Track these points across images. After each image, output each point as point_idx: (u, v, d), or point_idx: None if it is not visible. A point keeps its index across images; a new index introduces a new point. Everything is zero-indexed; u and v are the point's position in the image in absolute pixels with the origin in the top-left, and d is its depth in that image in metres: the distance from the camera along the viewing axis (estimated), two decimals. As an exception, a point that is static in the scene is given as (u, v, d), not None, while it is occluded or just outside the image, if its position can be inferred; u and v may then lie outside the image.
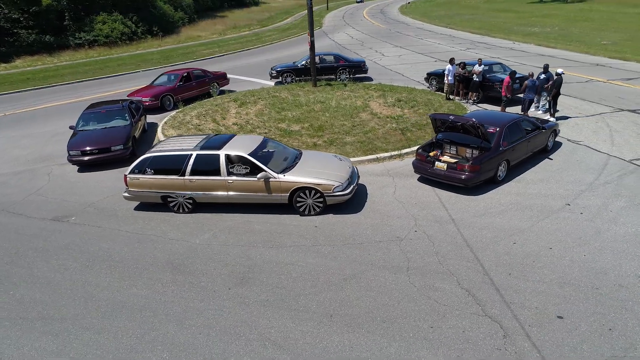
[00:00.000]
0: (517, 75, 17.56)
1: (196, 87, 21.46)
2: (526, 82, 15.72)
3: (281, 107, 18.35)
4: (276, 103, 18.96)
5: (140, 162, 10.76)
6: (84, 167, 14.20)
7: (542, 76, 16.39)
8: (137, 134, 15.32)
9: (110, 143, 14.02)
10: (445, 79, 18.41)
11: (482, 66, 18.21)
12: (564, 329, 6.77)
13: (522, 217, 9.87)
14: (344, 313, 7.37)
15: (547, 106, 16.74)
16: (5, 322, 7.68)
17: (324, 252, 9.06)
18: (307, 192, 10.21)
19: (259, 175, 10.14)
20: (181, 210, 10.93)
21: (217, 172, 10.41)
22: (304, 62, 23.82)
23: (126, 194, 11.02)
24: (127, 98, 19.60)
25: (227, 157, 10.41)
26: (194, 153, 10.52)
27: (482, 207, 10.44)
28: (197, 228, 10.29)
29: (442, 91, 19.68)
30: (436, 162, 11.25)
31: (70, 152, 13.79)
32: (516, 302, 7.34)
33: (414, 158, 11.89)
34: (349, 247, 9.13)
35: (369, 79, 24.07)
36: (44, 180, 13.53)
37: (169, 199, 10.85)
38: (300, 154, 11.40)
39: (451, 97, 18.84)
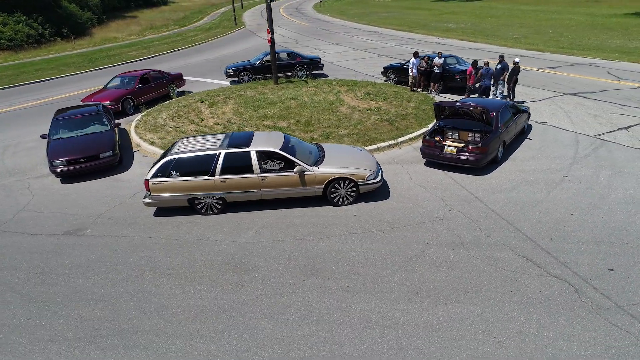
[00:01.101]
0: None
1: (155, 88, 20.58)
2: (481, 70, 17.16)
3: (255, 105, 18.25)
4: (248, 102, 18.80)
5: (163, 165, 10.33)
6: (68, 177, 13.16)
7: (499, 66, 17.99)
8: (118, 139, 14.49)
9: (97, 150, 13.16)
10: (410, 71, 19.45)
11: (442, 59, 19.49)
12: (618, 278, 7.81)
13: (534, 190, 10.98)
14: (427, 289, 7.84)
15: (504, 93, 18.41)
16: (78, 342, 7.15)
17: (376, 237, 9.44)
18: (341, 182, 10.49)
19: (295, 169, 10.24)
20: (209, 212, 10.67)
21: (249, 170, 10.32)
22: (260, 60, 23.72)
23: (147, 200, 10.52)
24: (82, 103, 18.34)
25: (258, 153, 10.35)
26: (222, 152, 10.33)
27: (495, 184, 11.44)
28: (234, 228, 10.15)
29: (402, 84, 20.74)
30: (445, 147, 12.05)
31: (53, 162, 12.72)
32: (569, 262, 8.30)
33: (422, 145, 12.61)
34: (398, 231, 9.60)
35: (325, 75, 24.56)
36: (27, 195, 12.37)
37: (196, 201, 10.54)
38: (321, 147, 11.62)
39: (415, 89, 19.90)
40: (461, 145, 11.99)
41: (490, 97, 18.52)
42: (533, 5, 59.10)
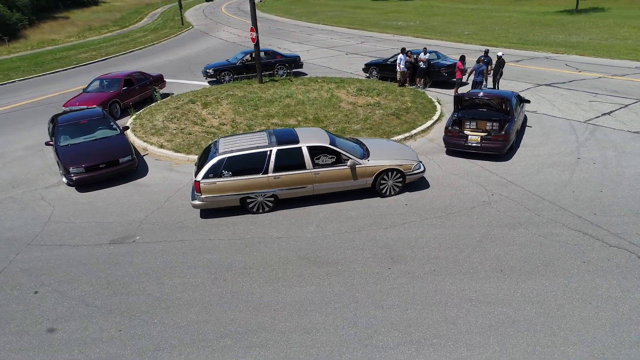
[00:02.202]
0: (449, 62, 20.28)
1: (139, 91, 19.83)
2: (473, 67, 18.15)
3: (252, 104, 18.12)
4: (242, 101, 18.62)
5: (213, 165, 10.14)
6: (84, 185, 12.46)
7: (484, 60, 19.07)
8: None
9: (117, 155, 12.58)
10: (398, 67, 20.11)
11: (427, 54, 20.34)
12: (669, 243, 8.77)
13: (558, 172, 11.91)
14: (508, 266, 8.38)
15: (489, 86, 19.55)
16: (188, 348, 6.97)
17: (436, 223, 9.88)
18: (389, 173, 10.82)
19: (349, 163, 10.45)
20: (261, 210, 10.61)
21: (302, 166, 10.38)
22: (240, 60, 23.45)
23: (197, 202, 10.27)
24: (65, 108, 17.35)
25: (310, 149, 10.44)
26: (274, 149, 10.32)
27: (520, 169, 12.26)
28: (292, 224, 10.18)
29: (388, 80, 21.39)
30: (469, 136, 12.74)
31: (69, 169, 12.00)
32: (621, 233, 9.17)
33: (445, 135, 13.21)
34: (454, 216, 10.10)
35: (304, 73, 24.73)
36: (45, 207, 11.61)
37: (248, 200, 10.45)
38: (359, 140, 11.88)
39: (404, 84, 20.59)
40: (484, 134, 12.68)
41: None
42: (471, 4, 62.39)
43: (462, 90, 19.26)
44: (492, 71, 18.58)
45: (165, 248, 9.53)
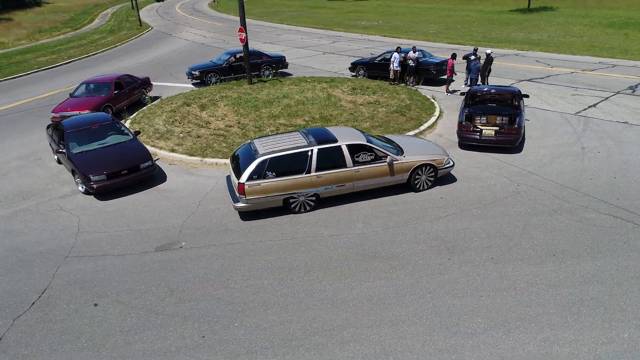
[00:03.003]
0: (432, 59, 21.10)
1: (129, 94, 19.19)
2: (471, 63, 18.92)
3: (252, 105, 18.03)
4: (239, 103, 18.47)
5: (257, 167, 10.11)
6: (104, 193, 12.03)
7: (472, 57, 19.92)
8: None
9: (137, 160, 12.23)
10: (392, 65, 20.60)
11: (417, 53, 20.96)
12: (691, 222, 9.64)
13: (569, 161, 12.70)
14: (558, 250, 8.93)
15: (479, 82, 20.41)
16: (281, 348, 7.00)
17: (477, 214, 10.34)
18: (423, 168, 11.18)
19: (388, 160, 10.71)
20: (302, 210, 10.68)
21: (342, 164, 10.54)
22: (226, 61, 23.18)
23: (241, 204, 10.22)
24: (54, 114, 16.62)
25: (349, 147, 10.62)
26: (314, 148, 10.42)
27: (534, 160, 12.98)
28: (338, 221, 10.33)
29: (378, 78, 21.84)
30: (483, 131, 13.33)
31: (91, 177, 11.55)
32: (646, 214, 9.98)
33: (459, 130, 13.74)
34: (491, 207, 10.60)
35: (289, 73, 24.76)
36: (69, 217, 11.13)
37: (290, 200, 10.49)
38: (387, 137, 12.17)
39: (396, 82, 21.09)
40: (497, 127, 13.31)
41: (462, 86, 20.40)
42: (427, 3, 64.29)
43: (453, 87, 20.02)
44: (481, 68, 19.36)
45: (216, 252, 9.41)
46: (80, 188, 12.19)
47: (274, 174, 10.13)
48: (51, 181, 13.13)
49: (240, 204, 10.17)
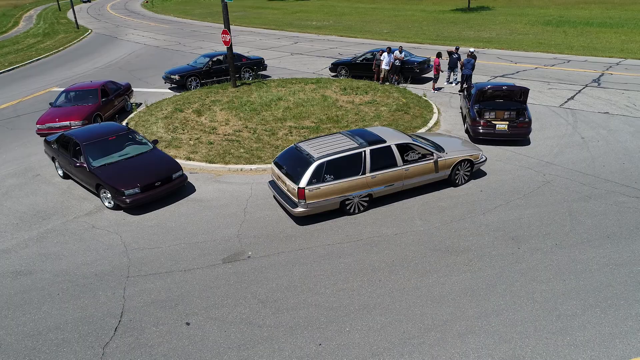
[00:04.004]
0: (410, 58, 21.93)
1: (114, 101, 18.19)
2: (463, 60, 19.81)
3: (250, 109, 17.79)
4: (235, 107, 18.17)
5: (315, 170, 10.09)
6: (137, 207, 11.45)
7: (454, 56, 20.90)
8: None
9: (168, 170, 11.73)
10: (381, 65, 21.06)
11: (402, 53, 21.60)
12: None
13: (577, 151, 13.76)
14: (610, 232, 9.72)
15: (458, 79, 21.44)
16: (401, 348, 7.14)
17: (522, 204, 10.98)
18: (462, 164, 11.68)
19: (435, 157, 11.08)
20: (357, 211, 10.80)
21: (393, 164, 10.77)
22: (206, 64, 22.57)
23: (301, 209, 10.15)
24: (41, 125, 15.53)
25: (398, 146, 10.88)
26: (367, 149, 10.56)
27: (545, 150, 13.92)
28: (395, 220, 10.54)
29: (365, 78, 22.26)
30: (497, 125, 14.11)
31: (125, 191, 10.93)
32: (666, 194, 11.10)
33: (472, 126, 14.40)
34: (531, 196, 11.29)
35: (268, 75, 24.56)
36: (107, 235, 10.49)
37: (346, 202, 10.58)
38: (420, 136, 12.55)
39: (384, 81, 21.59)
40: (510, 122, 14.13)
41: (445, 83, 21.33)
42: (369, 3, 65.78)
43: (440, 84, 20.84)
44: (463, 66, 20.31)
45: (289, 259, 9.30)
46: (107, 203, 11.46)
47: (332, 176, 10.14)
48: (65, 198, 12.22)
49: (300, 209, 10.08)
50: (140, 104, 20.00)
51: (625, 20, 40.76)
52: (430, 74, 22.40)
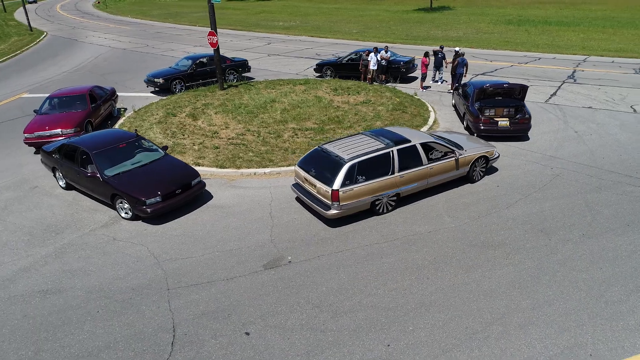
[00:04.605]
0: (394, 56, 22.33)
1: (102, 107, 17.50)
2: (457, 59, 20.23)
3: (247, 111, 17.58)
4: (230, 110, 17.93)
5: (347, 172, 10.10)
6: (158, 217, 11.09)
7: (440, 55, 21.42)
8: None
9: (187, 177, 11.43)
10: (369, 65, 21.27)
11: (388, 53, 21.91)
12: (702, 186, 11.68)
13: (575, 144, 14.42)
14: (627, 221, 10.23)
15: (443, 78, 21.99)
16: (471, 342, 7.31)
17: (540, 197, 11.41)
18: (479, 161, 12.03)
19: (456, 155, 11.35)
20: (385, 211, 10.91)
21: (419, 162, 10.95)
22: (191, 66, 22.07)
23: (335, 211, 10.13)
24: (29, 135, 14.80)
25: (422, 145, 11.07)
26: (394, 149, 10.68)
27: (545, 145, 14.52)
28: (424, 218, 10.71)
29: (346, 79, 22.38)
30: (499, 122, 14.61)
31: (146, 200, 10.55)
32: (667, 183, 11.86)
33: (475, 123, 14.82)
34: (546, 190, 11.74)
35: (251, 77, 24.30)
36: (134, 247, 10.10)
37: (376, 202, 10.66)
38: (436, 134, 12.80)
39: (373, 81, 21.81)
40: (511, 118, 14.65)
41: (430, 82, 21.81)
42: (331, 3, 66.13)
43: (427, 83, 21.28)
44: (448, 65, 20.82)
45: (331, 262, 9.27)
46: (123, 214, 11.01)
47: (363, 177, 10.18)
48: (74, 210, 11.65)
49: (333, 211, 10.05)
50: (126, 109, 19.28)
51: (579, 19, 43.00)
52: (415, 74, 22.81)
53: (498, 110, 15.18)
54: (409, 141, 10.89)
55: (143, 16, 59.45)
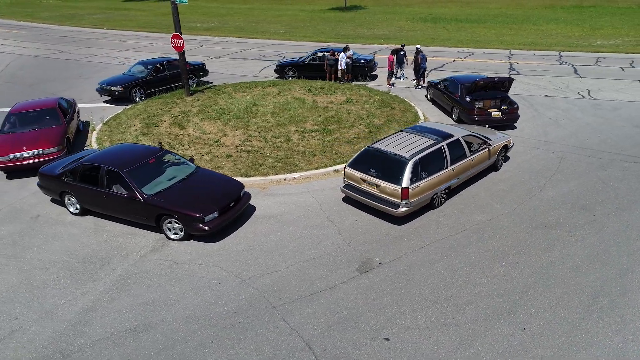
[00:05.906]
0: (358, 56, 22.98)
1: (73, 120, 15.81)
2: (419, 56, 21.17)
3: (235, 117, 16.99)
4: (215, 116, 17.16)
5: (413, 169, 10.31)
6: (212, 235, 10.39)
7: (401, 53, 22.40)
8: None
9: (235, 189, 10.85)
10: (339, 65, 21.51)
11: (351, 51, 22.34)
12: (676, 157, 13.74)
13: (557, 129, 16.01)
14: (642, 192, 11.81)
15: (405, 75, 23.02)
16: (556, 325, 8.00)
17: (561, 178, 12.54)
18: (503, 149, 12.95)
19: (491, 146, 12.11)
20: (439, 204, 11.33)
21: (464, 155, 11.51)
22: (150, 72, 20.61)
23: (404, 209, 10.28)
24: (2, 157, 13.10)
25: (464, 138, 11.66)
26: (444, 143, 11.12)
27: (534, 131, 15.93)
28: (477, 207, 11.25)
29: (311, 79, 22.44)
30: (492, 113, 15.78)
31: (205, 217, 9.84)
32: (650, 157, 13.74)
33: (469, 115, 15.79)
34: (561, 172, 12.94)
35: (209, 81, 23.35)
36: (205, 269, 9.39)
37: (433, 196, 11.04)
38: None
39: (342, 80, 22.08)
40: (499, 109, 15.88)
41: (393, 79, 22.71)
42: (241, 3, 64.89)
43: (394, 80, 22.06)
44: (422, 62, 21.81)
45: (422, 257, 9.44)
46: (172, 235, 10.13)
47: (426, 173, 10.45)
48: (106, 237, 10.45)
49: (403, 209, 10.19)
50: (88, 122, 17.45)
51: (483, 16, 47.11)
52: (376, 72, 23.49)
53: (486, 102, 16.28)
54: (453, 135, 11.34)
55: (32, 19, 53.48)
